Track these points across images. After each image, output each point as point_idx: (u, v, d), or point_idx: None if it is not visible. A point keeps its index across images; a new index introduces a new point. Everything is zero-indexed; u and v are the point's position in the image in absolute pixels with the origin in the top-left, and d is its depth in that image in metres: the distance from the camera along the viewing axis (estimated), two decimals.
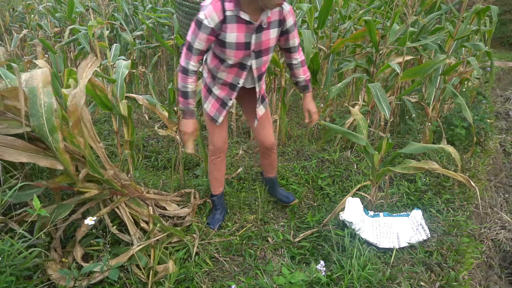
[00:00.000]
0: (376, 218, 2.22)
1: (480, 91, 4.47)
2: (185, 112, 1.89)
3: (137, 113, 4.21)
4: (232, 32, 1.72)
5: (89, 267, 1.58)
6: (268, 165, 2.43)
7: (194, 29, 1.70)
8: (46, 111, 1.56)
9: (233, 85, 1.96)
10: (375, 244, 2.03)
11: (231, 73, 1.91)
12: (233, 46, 1.76)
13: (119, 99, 2.19)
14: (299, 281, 1.71)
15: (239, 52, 1.79)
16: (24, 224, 1.55)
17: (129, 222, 1.93)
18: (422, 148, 2.07)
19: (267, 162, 2.41)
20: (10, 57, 5.32)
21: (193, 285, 1.80)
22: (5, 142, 1.55)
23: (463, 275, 1.90)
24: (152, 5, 5.25)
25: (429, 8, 3.35)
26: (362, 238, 2.03)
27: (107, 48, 2.13)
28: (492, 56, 3.06)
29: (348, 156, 3.14)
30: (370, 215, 2.24)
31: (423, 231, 2.11)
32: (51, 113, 1.55)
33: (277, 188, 2.52)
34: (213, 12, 1.65)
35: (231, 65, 1.85)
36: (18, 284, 1.41)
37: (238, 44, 1.76)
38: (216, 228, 2.22)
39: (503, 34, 10.69)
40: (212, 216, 2.30)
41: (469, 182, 1.90)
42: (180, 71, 1.80)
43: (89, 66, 1.77)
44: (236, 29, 1.71)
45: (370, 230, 2.10)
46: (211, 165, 2.27)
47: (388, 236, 2.09)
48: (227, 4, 1.66)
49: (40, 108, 1.55)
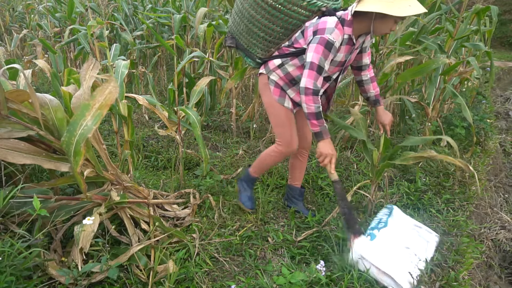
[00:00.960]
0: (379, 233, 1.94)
1: (480, 91, 4.47)
2: (324, 132, 1.88)
3: (137, 113, 4.21)
4: (341, 52, 1.86)
5: (88, 266, 1.58)
6: (299, 169, 2.40)
7: (324, 51, 1.75)
8: (82, 133, 1.52)
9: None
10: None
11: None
12: (336, 63, 1.91)
13: (119, 99, 2.19)
14: (299, 281, 1.71)
15: (336, 68, 1.95)
16: (24, 224, 1.55)
17: (128, 223, 1.93)
18: (421, 141, 2.10)
19: (300, 165, 2.39)
20: (10, 57, 5.32)
21: (193, 285, 1.79)
22: (8, 145, 1.55)
23: (463, 275, 1.90)
24: (152, 5, 5.25)
25: (429, 8, 3.35)
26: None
27: (107, 48, 2.13)
28: (492, 56, 3.06)
29: (348, 156, 3.14)
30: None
31: (426, 232, 1.99)
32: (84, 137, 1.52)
33: (301, 202, 2.45)
34: (339, 35, 1.77)
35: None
36: (18, 284, 1.41)
37: (339, 62, 1.92)
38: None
39: (503, 34, 10.70)
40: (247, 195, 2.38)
41: (467, 167, 1.89)
42: (311, 94, 1.80)
43: (90, 68, 1.78)
44: (344, 50, 1.87)
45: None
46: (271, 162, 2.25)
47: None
48: (346, 28, 1.79)
49: (78, 129, 1.52)
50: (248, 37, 2.05)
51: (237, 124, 3.75)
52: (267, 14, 1.90)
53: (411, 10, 1.62)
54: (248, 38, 2.06)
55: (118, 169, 2.04)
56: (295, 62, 1.98)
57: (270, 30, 1.96)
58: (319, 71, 1.78)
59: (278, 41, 2.00)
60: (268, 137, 3.41)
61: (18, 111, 1.62)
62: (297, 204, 2.44)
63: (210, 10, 3.78)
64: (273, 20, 1.92)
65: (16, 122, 1.62)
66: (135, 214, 1.98)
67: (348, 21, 1.79)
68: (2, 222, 1.59)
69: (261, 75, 2.14)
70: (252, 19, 1.96)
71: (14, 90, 1.63)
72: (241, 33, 2.07)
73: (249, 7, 1.94)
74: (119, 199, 1.82)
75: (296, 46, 1.94)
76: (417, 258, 1.85)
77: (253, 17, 1.94)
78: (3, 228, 1.59)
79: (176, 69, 2.48)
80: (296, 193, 2.44)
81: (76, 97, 1.73)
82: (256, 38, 2.02)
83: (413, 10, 1.63)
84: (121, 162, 2.18)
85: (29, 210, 1.50)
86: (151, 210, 2.04)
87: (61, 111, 1.70)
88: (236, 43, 2.14)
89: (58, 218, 1.70)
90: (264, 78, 2.11)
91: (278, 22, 1.91)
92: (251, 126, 3.70)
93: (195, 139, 3.54)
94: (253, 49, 2.09)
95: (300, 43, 1.92)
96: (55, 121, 1.68)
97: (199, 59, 3.64)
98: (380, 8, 1.63)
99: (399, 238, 1.93)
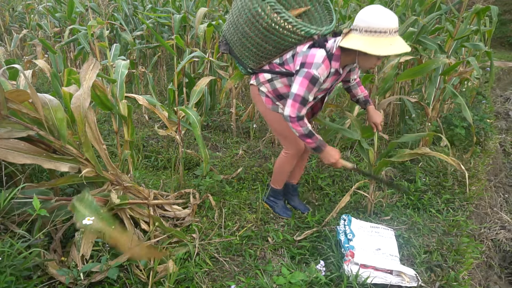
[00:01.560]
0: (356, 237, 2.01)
1: (480, 91, 4.47)
2: (321, 145, 1.98)
3: (137, 113, 4.21)
4: (327, 82, 1.93)
5: (88, 266, 1.58)
6: (299, 168, 2.47)
7: (308, 85, 1.83)
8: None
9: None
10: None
11: None
12: (322, 90, 1.99)
13: (119, 99, 2.19)
14: (299, 281, 1.71)
15: (322, 92, 2.03)
16: (24, 224, 1.55)
17: (128, 223, 1.93)
18: (415, 137, 2.20)
19: (300, 165, 2.45)
20: (10, 57, 5.32)
21: (193, 285, 1.79)
22: (8, 145, 1.55)
23: (463, 275, 1.90)
24: (152, 5, 5.25)
25: (429, 8, 3.35)
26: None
27: (107, 48, 2.13)
28: (492, 56, 3.06)
29: (348, 156, 3.14)
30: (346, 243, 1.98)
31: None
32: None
33: (296, 196, 2.55)
34: (325, 71, 1.84)
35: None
36: (18, 284, 1.41)
37: (325, 89, 2.00)
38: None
39: (503, 34, 10.70)
40: (281, 206, 2.45)
41: (459, 166, 1.95)
42: (295, 121, 1.88)
43: (90, 68, 1.78)
44: (330, 80, 1.94)
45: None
46: (288, 166, 2.30)
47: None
48: (334, 63, 1.85)
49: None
50: (241, 49, 2.11)
51: (237, 124, 3.75)
52: (260, 34, 1.95)
53: (392, 50, 1.66)
54: (240, 50, 2.11)
55: (118, 169, 2.04)
56: (283, 81, 2.06)
57: (262, 48, 2.02)
58: (302, 103, 1.87)
59: (270, 57, 2.07)
60: (268, 137, 3.41)
61: (18, 111, 1.62)
62: (293, 200, 2.52)
63: (210, 10, 3.78)
64: (266, 39, 1.96)
65: (16, 122, 1.62)
66: (135, 214, 1.98)
67: (336, 56, 1.84)
68: (2, 222, 1.59)
69: (252, 85, 2.21)
70: (246, 35, 2.00)
71: (14, 90, 1.63)
72: (235, 43, 2.12)
73: (243, 23, 1.96)
74: (119, 201, 1.82)
75: (286, 68, 2.02)
76: (391, 255, 1.92)
77: (247, 33, 1.99)
78: (3, 228, 1.59)
79: (176, 69, 2.48)
80: (290, 188, 2.51)
81: (76, 97, 1.73)
82: (248, 51, 2.09)
83: (394, 50, 1.66)
84: (121, 162, 2.18)
85: (29, 210, 1.50)
86: (151, 210, 2.04)
87: (61, 111, 1.70)
88: (229, 50, 2.19)
89: (58, 218, 1.70)
90: (255, 89, 2.18)
91: (270, 42, 1.97)
92: (251, 126, 3.70)
93: (195, 139, 3.54)
94: (245, 59, 2.15)
95: (290, 67, 2.00)
96: (55, 121, 1.68)
97: (199, 59, 3.63)
98: (362, 47, 1.68)
99: (368, 242, 1.99)
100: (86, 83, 1.72)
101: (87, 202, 1.54)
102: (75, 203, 1.53)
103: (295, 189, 2.53)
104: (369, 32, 1.68)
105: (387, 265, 1.81)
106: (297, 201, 2.53)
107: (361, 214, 2.38)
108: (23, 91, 1.66)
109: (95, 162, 1.78)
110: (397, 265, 1.85)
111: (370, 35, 1.68)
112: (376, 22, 1.66)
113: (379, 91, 2.82)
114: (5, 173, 1.71)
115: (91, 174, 1.79)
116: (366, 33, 1.69)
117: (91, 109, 1.85)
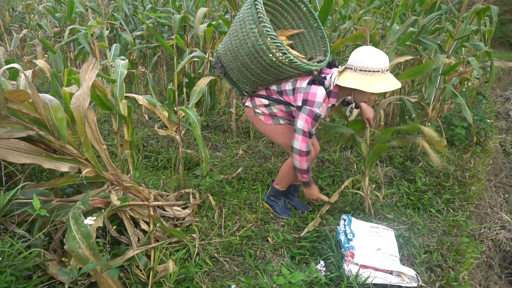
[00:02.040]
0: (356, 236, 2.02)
1: (480, 91, 4.47)
2: (311, 181, 2.18)
3: (137, 113, 4.21)
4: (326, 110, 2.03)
5: (88, 266, 1.58)
6: None
7: (312, 122, 1.95)
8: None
9: None
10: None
11: None
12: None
13: (118, 99, 2.19)
14: (299, 281, 1.71)
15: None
16: (24, 224, 1.55)
17: (128, 224, 1.93)
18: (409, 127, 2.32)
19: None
20: (10, 57, 5.32)
21: (193, 285, 1.79)
22: (8, 144, 1.55)
23: (463, 275, 1.90)
24: (152, 5, 5.25)
25: (429, 8, 3.35)
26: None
27: (107, 48, 2.13)
28: (492, 56, 3.06)
29: (348, 156, 3.14)
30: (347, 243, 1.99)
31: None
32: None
33: (296, 196, 2.56)
34: (325, 108, 1.96)
35: None
36: (18, 284, 1.41)
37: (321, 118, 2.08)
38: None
39: (503, 34, 10.70)
40: (281, 206, 2.45)
41: (436, 159, 2.02)
42: (305, 155, 2.02)
43: (90, 68, 1.77)
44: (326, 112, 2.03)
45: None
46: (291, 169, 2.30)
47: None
48: (332, 99, 1.98)
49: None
50: (238, 75, 2.14)
51: (237, 124, 3.75)
52: (262, 67, 1.98)
53: (385, 87, 1.79)
54: (238, 75, 2.14)
55: (118, 169, 2.04)
56: (280, 107, 2.15)
57: (262, 78, 2.07)
58: (310, 136, 2.00)
59: (267, 84, 2.14)
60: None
61: (18, 111, 1.62)
62: (292, 199, 2.53)
63: (210, 10, 3.78)
64: (266, 71, 2.01)
65: (16, 122, 1.62)
66: (135, 215, 1.98)
67: (334, 93, 1.97)
68: (2, 222, 1.59)
69: (247, 107, 2.26)
70: (246, 65, 2.03)
71: (14, 90, 1.63)
72: (232, 69, 2.14)
73: (245, 55, 1.97)
74: (120, 203, 1.82)
75: (285, 98, 2.10)
76: (391, 255, 1.92)
77: (248, 64, 2.01)
78: (3, 228, 1.59)
79: (176, 69, 2.48)
80: (290, 188, 2.52)
81: (76, 97, 1.73)
82: (246, 78, 2.12)
83: (387, 87, 1.79)
84: (121, 162, 2.18)
85: (29, 210, 1.50)
86: (151, 210, 2.04)
87: (61, 111, 1.70)
88: (224, 72, 2.21)
89: (58, 218, 1.70)
90: (251, 110, 2.24)
91: (270, 74, 2.02)
92: (251, 126, 3.70)
93: (195, 139, 3.54)
94: (241, 84, 2.19)
95: (289, 99, 2.08)
96: (55, 121, 1.68)
97: (199, 59, 3.64)
98: (358, 85, 1.81)
99: (368, 242, 1.99)
100: (86, 83, 1.72)
101: (81, 225, 1.52)
102: (71, 222, 1.51)
103: (296, 189, 2.53)
104: (363, 71, 1.82)
105: (387, 265, 1.81)
106: (297, 200, 2.53)
107: (361, 214, 2.38)
108: (23, 91, 1.65)
109: (95, 162, 1.78)
110: (397, 265, 1.85)
111: (364, 74, 1.82)
112: (370, 62, 1.80)
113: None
114: (5, 173, 1.71)
115: (91, 174, 1.79)
116: (360, 72, 1.83)
117: (91, 109, 1.85)
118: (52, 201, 1.67)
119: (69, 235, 1.49)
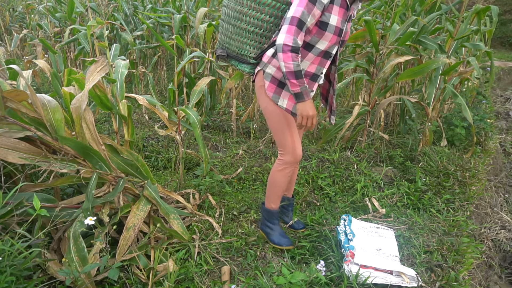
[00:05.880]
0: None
1: (480, 91, 4.47)
2: (305, 93, 1.74)
3: (137, 113, 4.21)
4: (335, 14, 1.71)
5: (88, 267, 1.58)
6: (291, 182, 2.27)
7: (307, 4, 1.62)
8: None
9: (316, 75, 1.89)
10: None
11: (315, 62, 1.84)
12: (333, 29, 1.74)
13: (119, 99, 2.19)
14: (299, 281, 1.71)
15: (335, 37, 1.78)
16: (24, 224, 1.55)
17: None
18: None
19: (293, 177, 2.27)
20: (10, 57, 5.32)
21: (193, 285, 1.79)
22: (8, 144, 1.55)
23: (463, 275, 1.90)
24: (152, 5, 5.25)
25: (429, 8, 3.35)
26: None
27: (107, 48, 2.13)
28: (492, 56, 3.06)
29: (348, 156, 3.14)
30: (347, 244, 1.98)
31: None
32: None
33: (291, 211, 2.32)
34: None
35: (319, 52, 1.81)
36: (18, 284, 1.41)
37: (336, 29, 1.75)
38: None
39: (503, 34, 10.70)
40: (277, 234, 2.12)
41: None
42: (289, 51, 1.65)
43: (97, 70, 1.77)
44: (338, 13, 1.72)
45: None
46: (282, 178, 2.01)
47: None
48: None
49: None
50: (238, 38, 1.96)
51: (237, 124, 3.75)
52: (254, 4, 1.84)
53: None
54: (238, 40, 1.97)
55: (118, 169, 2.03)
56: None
57: (260, 22, 1.87)
58: (300, 26, 1.64)
59: (269, 33, 1.91)
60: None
61: (17, 110, 1.62)
62: (287, 215, 2.32)
63: (210, 10, 3.78)
64: (261, 9, 1.83)
65: (13, 123, 1.62)
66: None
67: None
68: (2, 222, 1.59)
69: (257, 75, 2.00)
70: (240, 15, 1.89)
71: (13, 90, 1.63)
72: (231, 37, 1.99)
73: (234, 3, 1.88)
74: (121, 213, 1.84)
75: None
76: (392, 255, 1.92)
77: (241, 11, 1.87)
78: (3, 228, 1.59)
79: (176, 69, 2.48)
80: (284, 201, 2.28)
81: (77, 98, 1.73)
82: (246, 35, 1.93)
83: None
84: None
85: (29, 210, 1.50)
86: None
87: (59, 113, 1.70)
88: (227, 52, 2.05)
89: (58, 218, 1.70)
90: (260, 76, 1.97)
91: (266, 10, 1.83)
92: (251, 126, 3.70)
93: (195, 139, 3.54)
94: (245, 49, 1.98)
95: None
96: (53, 122, 1.68)
97: (199, 59, 3.64)
98: None
99: (368, 243, 1.99)
100: (88, 85, 1.72)
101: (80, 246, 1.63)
102: (71, 242, 1.62)
103: (290, 203, 2.30)
104: None
105: (387, 265, 1.81)
106: (291, 216, 2.31)
107: (362, 214, 2.38)
108: (22, 91, 1.65)
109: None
110: (397, 265, 1.85)
111: None
112: None
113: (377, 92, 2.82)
114: (4, 172, 1.71)
115: (89, 175, 1.79)
116: None
117: (89, 110, 1.85)
118: (57, 208, 1.69)
119: (67, 256, 1.59)
